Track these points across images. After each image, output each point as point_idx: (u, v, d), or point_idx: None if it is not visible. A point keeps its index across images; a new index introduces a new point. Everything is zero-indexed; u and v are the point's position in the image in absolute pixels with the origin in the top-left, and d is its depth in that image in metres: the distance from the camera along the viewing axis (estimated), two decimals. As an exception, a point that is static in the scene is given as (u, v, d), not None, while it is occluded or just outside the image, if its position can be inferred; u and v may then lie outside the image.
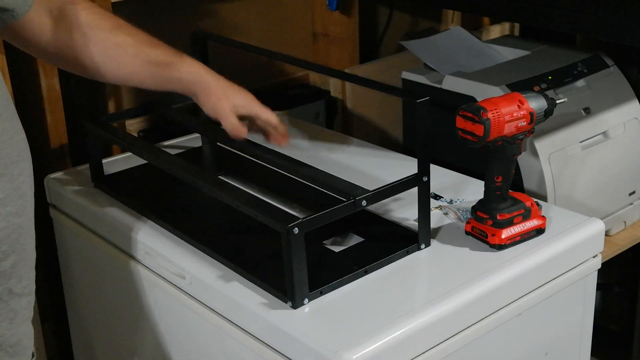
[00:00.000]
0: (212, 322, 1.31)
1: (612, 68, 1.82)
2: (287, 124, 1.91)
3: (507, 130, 1.28)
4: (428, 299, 1.20)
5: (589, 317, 1.45)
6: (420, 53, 1.92)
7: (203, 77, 1.31)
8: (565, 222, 1.40)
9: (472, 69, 1.81)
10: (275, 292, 1.22)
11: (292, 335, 1.15)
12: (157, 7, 1.90)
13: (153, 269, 1.42)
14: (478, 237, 1.35)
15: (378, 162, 1.66)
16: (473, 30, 2.24)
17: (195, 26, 1.83)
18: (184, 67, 1.32)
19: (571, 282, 1.38)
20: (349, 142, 1.80)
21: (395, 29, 2.34)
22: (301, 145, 1.76)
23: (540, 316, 1.34)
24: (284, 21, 2.14)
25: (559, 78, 1.74)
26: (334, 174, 1.32)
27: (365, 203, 1.22)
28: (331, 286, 1.22)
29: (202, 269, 1.31)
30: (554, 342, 1.40)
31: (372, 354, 1.10)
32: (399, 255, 1.30)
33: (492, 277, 1.26)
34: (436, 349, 1.19)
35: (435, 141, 1.31)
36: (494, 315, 1.26)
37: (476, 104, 1.28)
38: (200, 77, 1.31)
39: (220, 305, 1.28)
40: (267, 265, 1.28)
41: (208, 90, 1.31)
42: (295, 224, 1.14)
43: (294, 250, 1.14)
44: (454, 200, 1.49)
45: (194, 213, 1.49)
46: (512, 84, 1.67)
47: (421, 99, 1.23)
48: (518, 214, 1.33)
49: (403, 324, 1.14)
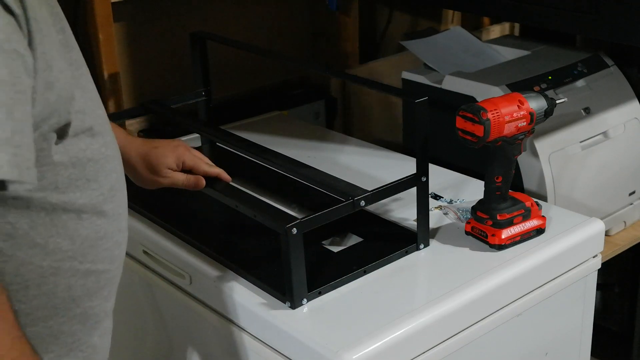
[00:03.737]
0: (212, 322, 1.31)
1: (612, 68, 1.82)
2: (287, 124, 1.91)
3: (507, 130, 1.28)
4: (428, 299, 1.20)
5: (589, 317, 1.45)
6: (420, 53, 1.92)
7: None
8: (565, 222, 1.40)
9: (472, 69, 1.81)
10: (274, 292, 1.22)
11: (291, 335, 1.15)
12: (157, 7, 1.90)
13: (153, 268, 1.42)
14: (478, 237, 1.35)
15: (378, 162, 1.66)
16: (473, 30, 2.24)
17: (195, 26, 1.83)
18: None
19: (571, 282, 1.37)
20: (349, 142, 1.80)
21: (395, 29, 2.34)
22: (301, 145, 1.76)
23: (540, 316, 1.34)
24: (284, 21, 2.14)
25: (559, 78, 1.74)
26: (334, 174, 1.32)
27: (364, 203, 1.22)
28: (330, 286, 1.22)
29: (202, 269, 1.31)
30: (554, 342, 1.40)
31: (372, 354, 1.10)
32: (398, 255, 1.30)
33: (492, 277, 1.26)
34: (436, 349, 1.19)
35: (435, 141, 1.31)
36: (494, 315, 1.26)
37: (476, 104, 1.28)
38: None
39: (220, 305, 1.28)
40: (266, 265, 1.28)
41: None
42: (294, 224, 1.14)
43: (293, 250, 1.14)
44: (454, 200, 1.49)
45: (194, 213, 1.49)
46: (512, 84, 1.66)
47: (420, 99, 1.23)
48: (518, 214, 1.33)
49: (402, 324, 1.14)
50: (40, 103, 0.84)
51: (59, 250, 0.92)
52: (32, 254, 0.90)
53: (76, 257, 0.94)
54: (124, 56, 1.86)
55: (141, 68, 1.91)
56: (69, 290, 0.95)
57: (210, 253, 1.34)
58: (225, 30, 1.99)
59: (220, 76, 1.91)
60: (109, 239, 0.99)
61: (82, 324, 0.99)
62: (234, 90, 2.06)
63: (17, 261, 0.89)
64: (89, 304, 0.98)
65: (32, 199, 0.88)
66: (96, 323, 1.01)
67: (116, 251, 1.01)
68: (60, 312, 0.95)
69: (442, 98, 1.70)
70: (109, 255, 0.99)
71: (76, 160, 0.92)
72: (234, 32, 2.01)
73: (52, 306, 0.94)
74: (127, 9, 1.81)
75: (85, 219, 0.94)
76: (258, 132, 1.81)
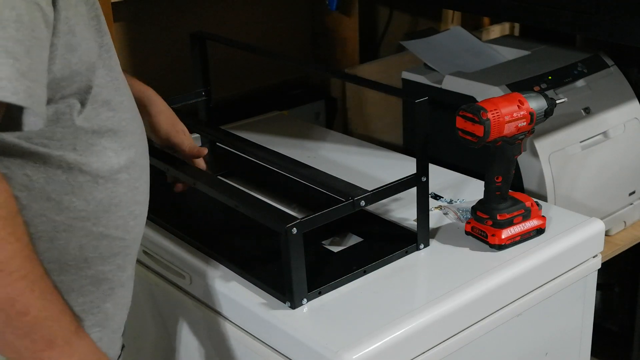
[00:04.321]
0: (212, 322, 1.31)
1: (612, 68, 1.82)
2: (287, 124, 1.91)
3: (507, 130, 1.27)
4: (427, 299, 1.20)
5: (589, 317, 1.45)
6: (420, 53, 1.92)
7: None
8: (565, 222, 1.40)
9: (472, 69, 1.81)
10: (274, 292, 1.22)
11: (291, 335, 1.15)
12: (157, 7, 1.90)
13: (153, 268, 1.42)
14: (478, 237, 1.35)
15: (378, 162, 1.66)
16: (473, 30, 2.24)
17: (195, 26, 1.83)
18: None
19: (571, 282, 1.37)
20: (349, 142, 1.80)
21: (395, 29, 2.34)
22: (301, 145, 1.76)
23: (540, 316, 1.34)
24: (284, 21, 2.14)
25: (559, 78, 1.74)
26: (334, 174, 1.32)
27: (364, 203, 1.22)
28: (330, 286, 1.22)
29: (202, 269, 1.31)
30: (554, 342, 1.40)
31: (372, 354, 1.10)
32: (397, 255, 1.30)
33: (492, 277, 1.26)
34: (436, 349, 1.19)
35: (435, 141, 1.31)
36: (494, 315, 1.26)
37: (476, 104, 1.28)
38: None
39: (220, 305, 1.28)
40: (266, 265, 1.28)
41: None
42: (294, 224, 1.14)
43: (293, 250, 1.14)
44: (454, 200, 1.49)
45: (194, 213, 1.49)
46: (512, 84, 1.66)
47: (420, 99, 1.23)
48: (518, 214, 1.33)
49: (402, 324, 1.14)
50: (61, 62, 0.91)
51: (73, 208, 0.97)
52: (46, 208, 0.95)
53: (89, 219, 0.99)
54: (123, 56, 1.86)
55: (141, 68, 1.91)
56: (80, 249, 0.99)
57: (210, 253, 1.34)
58: (226, 30, 1.99)
59: (220, 76, 1.91)
60: (124, 208, 1.03)
61: (95, 287, 1.03)
62: (234, 90, 2.06)
63: (31, 212, 0.94)
64: (101, 268, 1.02)
65: (50, 156, 0.94)
66: (110, 290, 1.05)
67: (131, 222, 1.05)
68: (71, 270, 0.99)
69: (442, 98, 1.70)
70: (123, 224, 1.03)
71: (97, 128, 0.98)
72: (234, 32, 2.01)
73: (63, 262, 0.98)
74: (127, 9, 1.81)
75: (101, 184, 0.99)
76: (258, 132, 1.81)
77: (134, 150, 1.04)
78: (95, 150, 0.98)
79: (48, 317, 0.89)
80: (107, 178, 1.00)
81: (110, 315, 1.06)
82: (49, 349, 0.90)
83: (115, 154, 1.00)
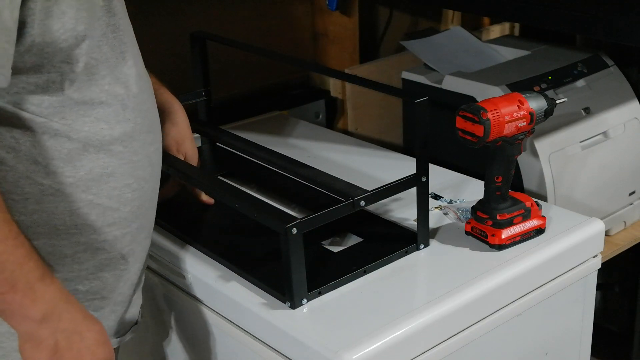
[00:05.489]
0: (212, 322, 1.31)
1: (612, 68, 1.82)
2: (287, 124, 1.91)
3: (507, 130, 1.27)
4: (427, 299, 1.20)
5: (589, 317, 1.45)
6: (420, 53, 1.92)
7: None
8: (565, 222, 1.40)
9: (472, 69, 1.81)
10: (274, 292, 1.21)
11: (291, 335, 1.15)
12: (157, 7, 1.90)
13: (153, 268, 1.42)
14: (478, 237, 1.35)
15: (378, 162, 1.66)
16: (473, 30, 2.24)
17: (195, 26, 1.83)
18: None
19: (571, 282, 1.37)
20: (349, 142, 1.80)
21: (395, 29, 2.34)
22: (301, 145, 1.76)
23: (540, 316, 1.34)
24: (284, 21, 2.14)
25: (559, 78, 1.74)
26: (334, 174, 1.32)
27: (364, 203, 1.22)
28: (330, 286, 1.22)
29: (202, 269, 1.31)
30: (554, 342, 1.40)
31: (372, 354, 1.10)
32: (397, 255, 1.30)
33: (492, 277, 1.26)
34: (436, 349, 1.19)
35: (435, 141, 1.31)
36: (494, 315, 1.26)
37: (476, 104, 1.28)
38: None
39: (220, 305, 1.28)
40: (266, 265, 1.28)
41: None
42: (294, 224, 1.14)
43: (293, 250, 1.14)
44: (454, 200, 1.49)
45: (194, 213, 1.49)
46: (512, 84, 1.67)
47: (420, 99, 1.23)
48: (518, 214, 1.33)
49: (403, 324, 1.14)
50: (40, 27, 0.92)
51: (60, 174, 1.00)
52: (33, 170, 0.98)
53: (78, 185, 1.01)
54: (124, 56, 1.86)
55: (141, 68, 1.90)
56: (70, 215, 1.02)
57: (210, 253, 1.34)
58: (226, 30, 1.99)
59: (220, 76, 1.91)
60: (119, 180, 1.05)
61: (91, 255, 1.05)
62: (234, 90, 2.06)
63: (17, 173, 0.98)
64: (94, 237, 1.05)
65: (34, 122, 0.97)
66: (108, 260, 1.07)
67: (128, 194, 1.07)
68: (61, 235, 1.02)
69: (442, 98, 1.70)
70: (118, 195, 1.05)
71: (89, 100, 1.00)
72: (234, 32, 2.01)
73: (52, 225, 1.01)
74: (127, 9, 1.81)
75: (91, 152, 1.01)
76: (258, 132, 1.81)
77: (131, 125, 1.05)
78: (87, 120, 1.00)
79: (9, 261, 0.92)
80: (99, 148, 1.02)
81: (110, 286, 1.08)
82: (12, 292, 0.93)
83: (109, 126, 1.03)
